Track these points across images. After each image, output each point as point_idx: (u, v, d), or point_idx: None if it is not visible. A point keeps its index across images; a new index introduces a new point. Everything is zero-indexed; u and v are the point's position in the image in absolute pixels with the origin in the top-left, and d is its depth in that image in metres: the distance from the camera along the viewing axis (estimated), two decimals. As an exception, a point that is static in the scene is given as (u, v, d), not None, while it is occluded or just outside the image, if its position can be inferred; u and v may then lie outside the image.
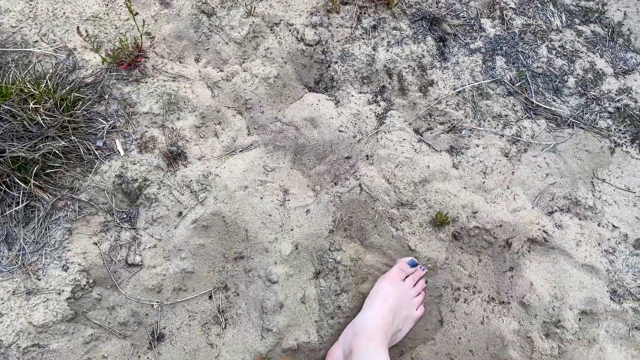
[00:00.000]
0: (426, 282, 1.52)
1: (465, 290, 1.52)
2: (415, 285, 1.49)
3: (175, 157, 1.58)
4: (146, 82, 1.65)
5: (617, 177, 1.63)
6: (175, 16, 1.74)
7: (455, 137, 1.68)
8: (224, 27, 1.74)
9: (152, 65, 1.68)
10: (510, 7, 1.87)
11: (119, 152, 1.57)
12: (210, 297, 1.49)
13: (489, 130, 1.67)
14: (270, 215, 1.54)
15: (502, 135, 1.66)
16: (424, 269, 1.51)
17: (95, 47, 1.63)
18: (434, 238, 1.56)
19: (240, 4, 1.79)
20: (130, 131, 1.60)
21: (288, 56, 1.73)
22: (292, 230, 1.53)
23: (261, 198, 1.56)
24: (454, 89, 1.72)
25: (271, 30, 1.76)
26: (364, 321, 1.36)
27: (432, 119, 1.70)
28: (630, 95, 1.75)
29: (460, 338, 1.48)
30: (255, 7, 1.77)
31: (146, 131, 1.60)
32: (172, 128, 1.62)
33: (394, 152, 1.62)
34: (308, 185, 1.61)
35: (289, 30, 1.76)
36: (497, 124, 1.68)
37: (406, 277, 1.49)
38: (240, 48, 1.73)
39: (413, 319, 1.48)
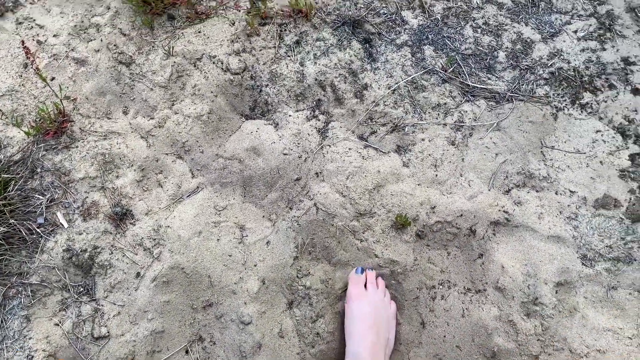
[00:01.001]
0: (382, 277, 1.53)
1: (441, 287, 1.52)
2: (377, 287, 1.49)
3: (121, 217, 1.54)
4: (77, 147, 1.61)
5: (565, 142, 1.65)
6: (94, 73, 1.70)
7: (400, 136, 1.68)
8: (146, 74, 1.71)
9: (80, 128, 1.64)
10: (429, -6, 1.88)
11: (62, 225, 1.53)
12: (186, 352, 1.46)
13: (431, 122, 1.68)
14: (230, 256, 1.52)
15: (445, 124, 1.67)
16: (371, 269, 1.51)
17: (16, 122, 1.59)
18: (398, 242, 1.55)
19: (157, 46, 1.76)
20: (70, 201, 1.56)
21: (217, 89, 1.71)
22: (255, 266, 1.51)
23: (218, 240, 1.53)
24: (389, 88, 1.72)
25: (194, 66, 1.73)
26: (354, 357, 1.35)
27: (374, 122, 1.69)
28: (562, 57, 1.78)
29: (445, 336, 1.48)
30: (173, 46, 1.74)
31: (86, 197, 1.57)
32: (113, 188, 1.58)
33: (343, 164, 1.61)
34: (263, 216, 1.59)
35: (213, 63, 1.74)
36: (438, 114, 1.69)
37: (365, 285, 1.49)
38: (166, 91, 1.70)
39: (392, 317, 1.47)
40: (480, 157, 1.63)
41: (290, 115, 1.70)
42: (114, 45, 1.74)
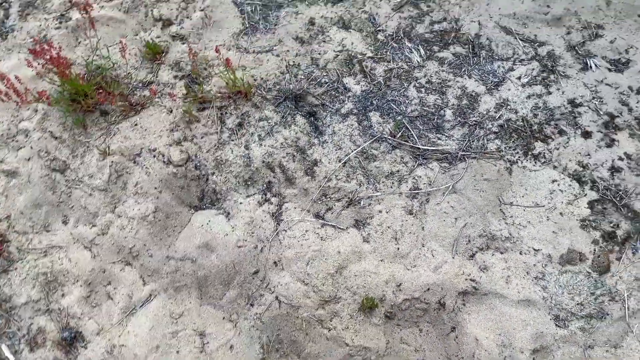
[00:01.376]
0: None
1: (417, 368, 1.48)
2: None
3: (71, 342, 1.46)
4: (15, 269, 1.53)
5: (522, 196, 1.65)
6: (27, 184, 1.63)
7: (357, 210, 1.65)
8: (83, 178, 1.65)
9: (17, 247, 1.56)
10: (368, 57, 1.87)
11: (8, 359, 1.44)
12: None
13: (387, 192, 1.65)
14: (192, 368, 1.45)
15: (401, 193, 1.65)
16: None
17: (-54, 250, 1.50)
18: (368, 325, 1.51)
19: (92, 145, 1.70)
20: (14, 329, 1.48)
21: (161, 184, 1.65)
22: (220, 375, 1.45)
23: (177, 352, 1.46)
24: (340, 161, 1.69)
25: (134, 162, 1.68)
26: None
27: (328, 198, 1.66)
28: (508, 107, 1.78)
29: (427, 421, 1.44)
30: (109, 144, 1.68)
31: (31, 323, 1.48)
32: (59, 309, 1.50)
33: (301, 249, 1.57)
34: (224, 318, 1.54)
35: (154, 157, 1.68)
36: (392, 183, 1.67)
37: None
38: (107, 194, 1.64)
39: None
40: (440, 224, 1.62)
41: (241, 203, 1.66)
42: (46, 152, 1.67)
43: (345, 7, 1.99)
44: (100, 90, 1.73)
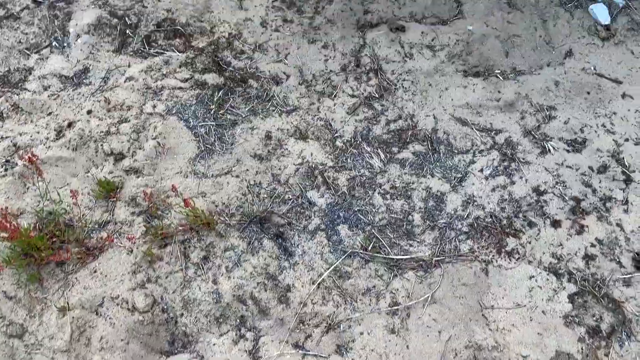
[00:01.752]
0: None
1: None
2: None
3: None
4: None
5: (502, 297, 1.65)
6: (-19, 356, 1.54)
7: (337, 334, 1.62)
8: (43, 341, 1.57)
9: None
10: (329, 167, 1.88)
11: None
12: None
13: (366, 311, 1.63)
14: None
15: (380, 311, 1.62)
16: None
17: None
18: None
19: (50, 301, 1.62)
20: None
21: (128, 334, 1.59)
22: None
23: None
24: (313, 283, 1.66)
25: (97, 314, 1.62)
26: None
27: (306, 325, 1.63)
28: (475, 203, 1.81)
29: None
30: (68, 298, 1.61)
31: None
32: None
33: (283, 389, 1.52)
34: None
35: (117, 305, 1.62)
36: (370, 300, 1.65)
37: None
38: (69, 355, 1.56)
39: None
40: (425, 340, 1.59)
41: (214, 344, 1.60)
42: (1, 317, 1.59)
43: (300, 116, 2.01)
44: (54, 239, 1.68)
